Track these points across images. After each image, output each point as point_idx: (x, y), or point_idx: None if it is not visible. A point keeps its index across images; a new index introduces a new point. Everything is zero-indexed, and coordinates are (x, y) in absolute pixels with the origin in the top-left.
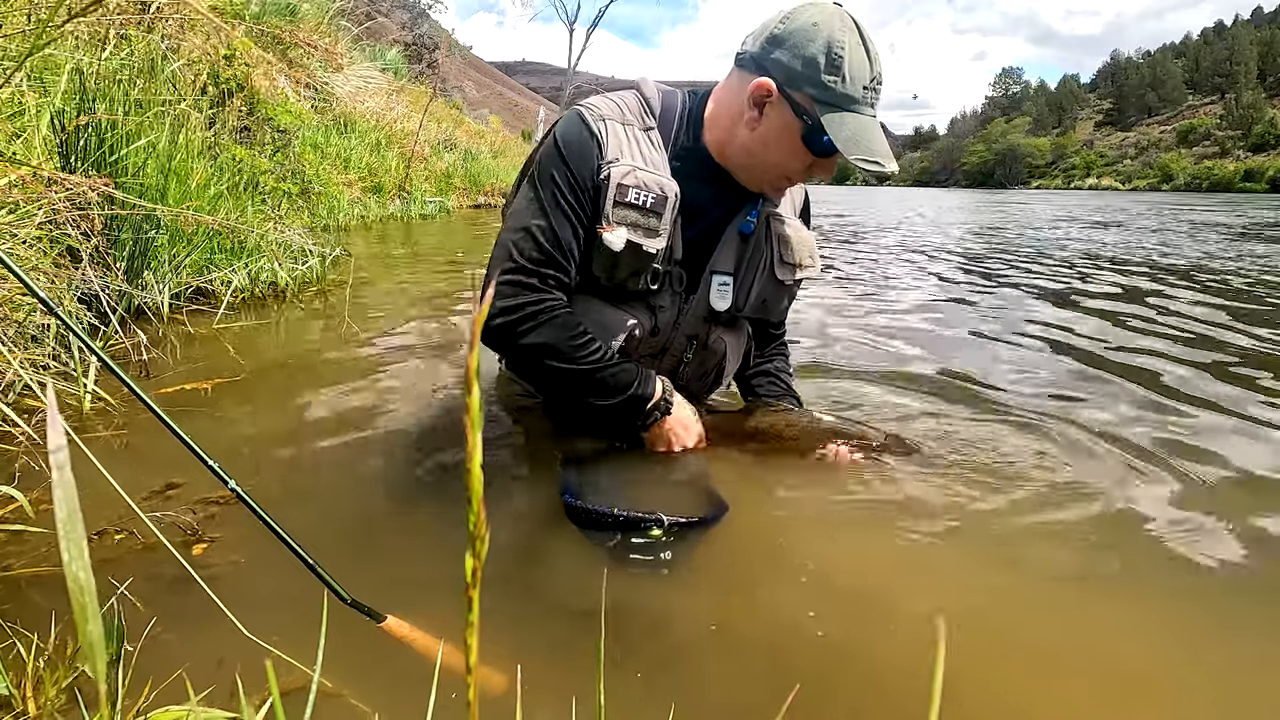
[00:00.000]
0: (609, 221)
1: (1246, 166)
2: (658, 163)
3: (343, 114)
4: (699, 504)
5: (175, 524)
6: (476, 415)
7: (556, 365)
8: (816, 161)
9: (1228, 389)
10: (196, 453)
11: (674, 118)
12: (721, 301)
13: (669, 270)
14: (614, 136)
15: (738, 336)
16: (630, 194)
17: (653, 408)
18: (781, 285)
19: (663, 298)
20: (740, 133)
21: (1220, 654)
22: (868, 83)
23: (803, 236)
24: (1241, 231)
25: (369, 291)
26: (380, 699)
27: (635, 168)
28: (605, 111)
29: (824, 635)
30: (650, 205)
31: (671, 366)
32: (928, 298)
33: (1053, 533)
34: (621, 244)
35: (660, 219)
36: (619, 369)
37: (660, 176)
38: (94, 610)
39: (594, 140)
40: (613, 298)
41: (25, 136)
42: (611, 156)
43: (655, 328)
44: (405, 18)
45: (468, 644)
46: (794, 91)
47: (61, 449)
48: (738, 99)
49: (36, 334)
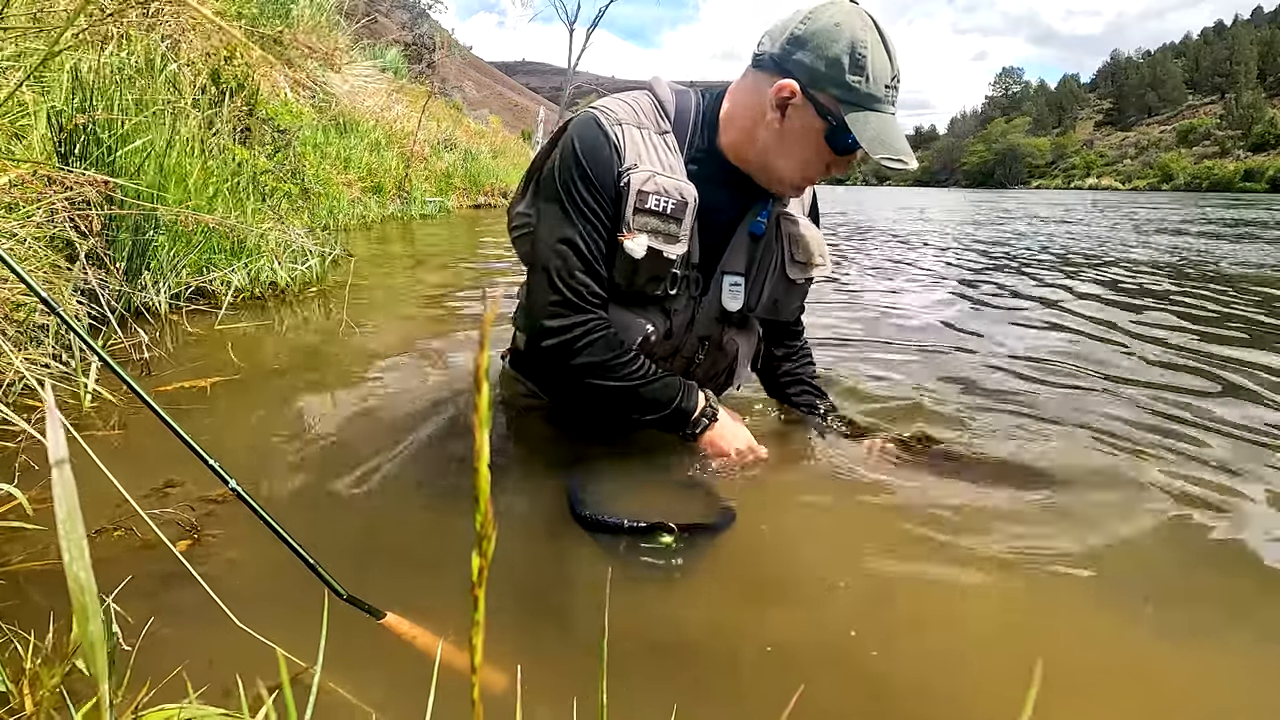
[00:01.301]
0: (630, 229)
1: (1246, 166)
2: (675, 167)
3: (342, 113)
4: (706, 511)
5: (174, 521)
6: (485, 414)
7: (602, 384)
8: (835, 160)
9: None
10: (196, 451)
11: (689, 120)
12: (734, 302)
13: (686, 275)
14: (631, 141)
15: (749, 337)
16: (651, 200)
17: (699, 417)
18: (793, 284)
19: (679, 301)
20: (761, 134)
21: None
22: (889, 81)
23: (813, 235)
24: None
25: (369, 291)
26: (380, 696)
27: (655, 173)
28: (621, 115)
29: (827, 640)
30: (671, 211)
31: (683, 367)
32: (940, 294)
33: (1063, 531)
34: (643, 251)
35: (680, 225)
36: (662, 383)
37: (680, 182)
38: (94, 609)
39: (611, 146)
40: (629, 302)
41: (25, 137)
42: (630, 162)
43: (670, 330)
44: (405, 18)
45: (472, 643)
46: (818, 93)
47: (61, 449)
48: (758, 100)
49: (37, 334)
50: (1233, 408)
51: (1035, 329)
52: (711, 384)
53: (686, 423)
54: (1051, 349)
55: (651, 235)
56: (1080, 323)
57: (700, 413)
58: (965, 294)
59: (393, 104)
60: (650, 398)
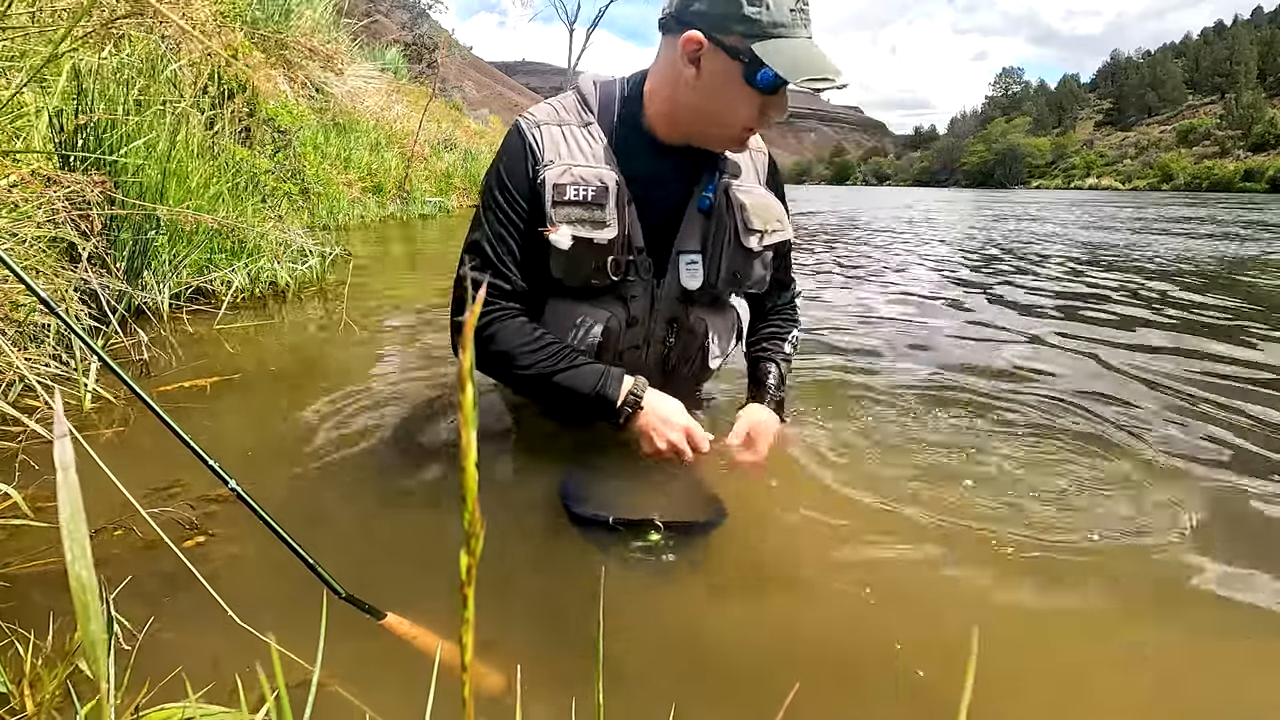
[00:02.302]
0: (552, 223)
1: (1246, 166)
2: (598, 155)
3: (341, 113)
4: (698, 509)
5: (175, 520)
6: (470, 414)
7: (518, 374)
8: (767, 100)
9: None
10: (196, 452)
11: (613, 107)
12: (693, 280)
13: (632, 259)
14: (550, 140)
15: (722, 315)
16: (569, 191)
17: (622, 406)
18: (750, 253)
19: (634, 288)
20: (684, 95)
21: None
22: (793, 5)
23: (766, 202)
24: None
25: (368, 291)
26: (380, 696)
27: (570, 165)
28: (541, 117)
29: (823, 636)
30: (592, 198)
31: (658, 354)
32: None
33: (1055, 535)
34: (568, 241)
35: (604, 209)
36: (578, 371)
37: (598, 168)
38: (95, 609)
39: (528, 148)
40: (582, 296)
41: (25, 137)
42: (547, 160)
43: (632, 318)
44: (405, 18)
45: (463, 641)
46: (723, 36)
47: (67, 454)
48: (671, 63)
49: (37, 334)
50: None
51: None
52: (687, 366)
53: (612, 411)
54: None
55: (576, 225)
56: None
57: (624, 401)
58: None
59: (393, 104)
60: (566, 385)
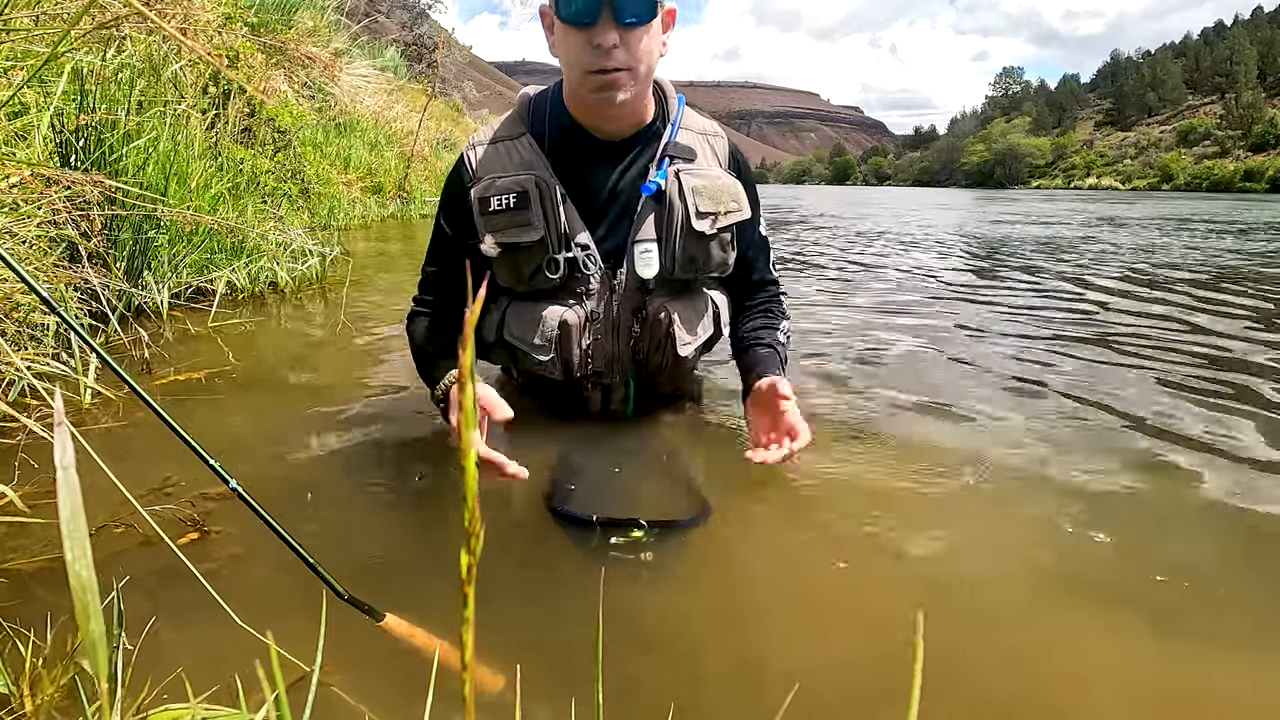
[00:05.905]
0: (481, 234)
1: (1246, 166)
2: (524, 162)
3: (341, 113)
4: (683, 506)
5: (174, 518)
6: (471, 413)
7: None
8: (589, 32)
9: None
10: (196, 451)
11: (544, 113)
12: (648, 269)
13: (573, 256)
14: (481, 158)
15: (690, 302)
16: (491, 203)
17: (437, 401)
18: (704, 237)
19: (590, 282)
20: (561, 68)
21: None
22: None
23: (720, 184)
24: None
25: (368, 291)
26: (379, 696)
27: (495, 178)
28: (479, 137)
29: (822, 635)
30: (514, 204)
31: (627, 343)
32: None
33: (1054, 532)
34: (495, 250)
35: (528, 212)
36: (425, 363)
37: (518, 175)
38: (96, 608)
39: (462, 170)
40: (539, 296)
41: (26, 137)
42: (476, 177)
43: (592, 312)
44: (405, 18)
45: (463, 640)
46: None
47: (68, 454)
48: (552, 47)
49: (37, 333)
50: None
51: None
52: (658, 357)
53: (433, 398)
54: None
55: (501, 232)
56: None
57: (432, 397)
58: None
59: (393, 104)
60: (423, 376)
